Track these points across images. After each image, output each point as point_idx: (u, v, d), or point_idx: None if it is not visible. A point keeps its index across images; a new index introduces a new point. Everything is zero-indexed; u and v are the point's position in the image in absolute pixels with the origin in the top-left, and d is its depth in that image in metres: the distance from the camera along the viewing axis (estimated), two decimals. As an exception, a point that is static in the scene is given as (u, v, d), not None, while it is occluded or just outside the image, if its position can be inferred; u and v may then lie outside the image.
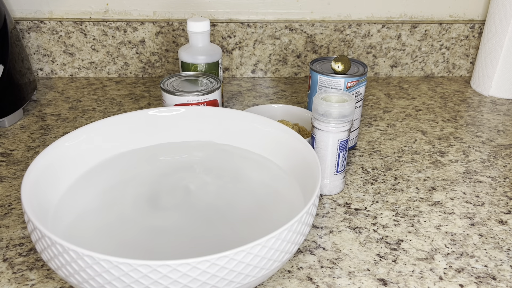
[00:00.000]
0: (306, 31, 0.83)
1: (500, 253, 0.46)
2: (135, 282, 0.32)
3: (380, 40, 0.85)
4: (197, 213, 0.46)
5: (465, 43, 0.87)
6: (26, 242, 0.45)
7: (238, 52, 0.84)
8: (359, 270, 0.43)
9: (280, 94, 0.80)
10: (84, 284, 0.34)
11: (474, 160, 0.61)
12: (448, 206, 0.52)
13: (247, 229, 0.43)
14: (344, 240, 0.47)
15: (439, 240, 0.47)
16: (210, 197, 0.48)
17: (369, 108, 0.76)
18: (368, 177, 0.57)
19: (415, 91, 0.83)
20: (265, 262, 0.35)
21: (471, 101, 0.79)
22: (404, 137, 0.67)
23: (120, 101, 0.76)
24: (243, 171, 0.52)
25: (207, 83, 0.60)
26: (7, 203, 0.51)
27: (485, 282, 0.42)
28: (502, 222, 0.50)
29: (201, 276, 0.33)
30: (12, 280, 0.41)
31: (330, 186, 0.53)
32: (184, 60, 0.65)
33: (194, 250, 0.41)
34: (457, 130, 0.69)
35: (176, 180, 0.50)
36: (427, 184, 0.56)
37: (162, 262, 0.32)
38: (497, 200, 0.54)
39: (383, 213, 0.51)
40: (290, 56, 0.85)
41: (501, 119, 0.73)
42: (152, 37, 0.82)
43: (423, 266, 0.44)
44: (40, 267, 0.43)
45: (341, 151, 0.52)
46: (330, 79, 0.57)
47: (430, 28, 0.84)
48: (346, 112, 0.49)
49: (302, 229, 0.38)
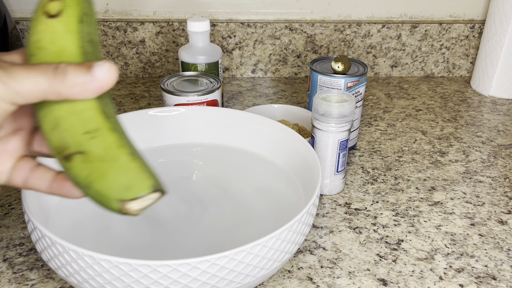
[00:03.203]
0: (306, 31, 0.83)
1: (500, 253, 0.46)
2: (135, 282, 0.32)
3: (380, 40, 0.85)
4: (196, 213, 0.46)
5: (465, 43, 0.87)
6: (26, 242, 0.45)
7: (238, 52, 0.84)
8: (359, 270, 0.43)
9: (280, 94, 0.80)
10: (84, 284, 0.34)
11: (474, 160, 0.61)
12: (448, 206, 0.52)
13: (247, 229, 0.43)
14: (344, 240, 0.47)
15: (439, 240, 0.47)
16: (210, 197, 0.48)
17: (369, 108, 0.76)
18: (368, 177, 0.57)
19: (415, 91, 0.83)
20: (265, 262, 0.35)
21: (471, 101, 0.79)
22: (404, 137, 0.67)
23: (120, 101, 0.76)
24: (243, 171, 0.52)
25: (207, 83, 0.60)
26: (7, 203, 0.51)
27: (485, 282, 0.42)
28: (502, 222, 0.50)
29: (201, 276, 0.33)
30: (12, 280, 0.41)
31: (330, 186, 0.53)
32: (184, 60, 0.65)
33: (193, 250, 0.41)
34: (457, 130, 0.69)
35: (176, 180, 0.50)
36: (427, 184, 0.56)
37: (162, 262, 0.32)
38: (497, 200, 0.54)
39: (383, 213, 0.51)
40: (290, 56, 0.85)
41: (501, 119, 0.73)
42: (152, 37, 0.82)
43: (423, 266, 0.44)
44: (40, 267, 0.43)
45: (341, 151, 0.52)
46: (330, 79, 0.57)
47: (430, 28, 0.84)
48: (346, 112, 0.49)
49: (302, 229, 0.38)
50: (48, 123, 0.28)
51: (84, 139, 0.28)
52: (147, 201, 0.28)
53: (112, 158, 0.28)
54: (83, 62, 0.28)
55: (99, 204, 0.28)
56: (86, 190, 0.28)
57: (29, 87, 0.26)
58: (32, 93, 0.26)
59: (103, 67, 0.27)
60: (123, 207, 0.28)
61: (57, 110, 0.28)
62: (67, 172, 0.28)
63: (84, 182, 0.28)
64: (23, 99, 0.26)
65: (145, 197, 0.28)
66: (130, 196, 0.28)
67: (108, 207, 0.28)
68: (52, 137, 0.28)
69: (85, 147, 0.28)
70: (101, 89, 0.27)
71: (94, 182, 0.28)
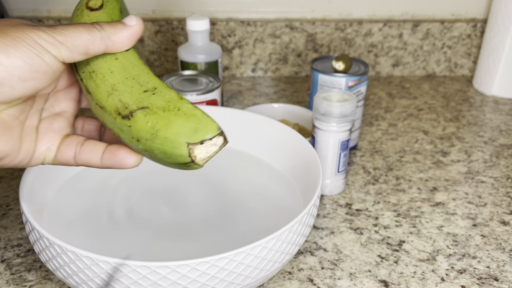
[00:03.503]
0: (307, 30, 0.83)
1: (502, 254, 0.45)
2: (134, 284, 0.32)
3: (382, 39, 0.84)
4: (196, 214, 0.46)
5: (467, 42, 0.86)
6: (24, 243, 0.45)
7: (238, 51, 0.84)
8: (360, 271, 0.43)
9: (280, 93, 0.80)
10: (83, 285, 0.34)
11: (476, 160, 0.61)
12: (450, 206, 0.52)
13: (247, 230, 0.43)
14: (345, 241, 0.46)
15: (441, 241, 0.47)
16: (210, 197, 0.48)
17: (370, 107, 0.76)
18: (370, 177, 0.57)
19: (417, 91, 0.82)
20: (265, 263, 0.35)
21: (473, 101, 0.79)
22: (405, 137, 0.67)
23: (119, 100, 0.76)
24: (243, 172, 0.52)
25: (206, 82, 0.59)
26: (5, 204, 0.51)
27: (487, 283, 0.42)
28: (505, 223, 0.49)
29: (200, 278, 0.32)
30: (10, 281, 0.41)
31: (331, 186, 0.53)
32: (183, 59, 0.64)
33: (193, 251, 0.41)
34: (459, 129, 0.69)
35: (174, 180, 0.50)
36: (429, 185, 0.56)
37: (161, 263, 0.31)
38: (500, 200, 0.53)
39: (385, 213, 0.50)
40: (290, 55, 0.85)
41: (504, 118, 0.73)
42: (151, 36, 0.82)
43: (424, 267, 0.43)
44: (38, 268, 0.42)
45: (342, 151, 0.51)
46: (331, 78, 0.56)
47: (432, 27, 0.84)
48: (347, 111, 0.49)
49: (302, 230, 0.38)
50: (103, 91, 0.30)
51: (145, 96, 0.30)
52: (212, 147, 0.29)
53: (175, 107, 0.29)
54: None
55: (166, 154, 0.29)
56: (150, 143, 0.29)
57: (74, 40, 0.29)
58: (77, 46, 0.29)
59: (132, 18, 0.31)
60: (192, 151, 0.29)
61: (111, 78, 0.30)
62: (127, 132, 0.29)
63: (149, 134, 0.29)
64: (70, 53, 0.29)
65: (212, 141, 0.29)
66: (199, 139, 0.29)
67: (176, 153, 0.29)
68: (110, 101, 0.30)
69: (147, 102, 0.29)
70: (135, 34, 0.31)
71: (161, 130, 0.29)
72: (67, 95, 0.34)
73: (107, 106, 0.30)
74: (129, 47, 0.31)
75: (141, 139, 0.29)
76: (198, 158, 0.29)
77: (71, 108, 0.34)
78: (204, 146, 0.29)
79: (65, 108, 0.34)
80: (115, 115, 0.30)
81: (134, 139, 0.29)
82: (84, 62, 0.32)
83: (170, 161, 0.29)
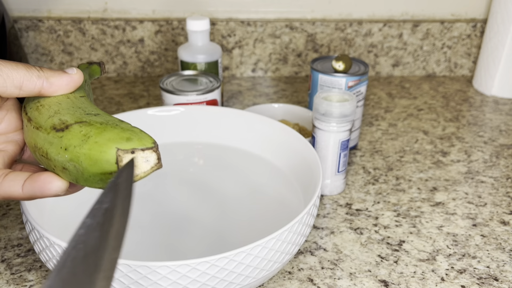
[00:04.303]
0: (307, 30, 0.83)
1: (502, 254, 0.45)
2: (134, 284, 0.32)
3: (382, 39, 0.84)
4: (196, 214, 0.46)
5: (467, 42, 0.86)
6: (25, 243, 0.45)
7: (238, 51, 0.84)
8: (360, 271, 0.43)
9: (280, 93, 0.80)
10: (82, 285, 0.34)
11: (476, 160, 0.61)
12: (450, 206, 0.52)
13: (247, 230, 0.43)
14: (345, 241, 0.46)
15: (441, 241, 0.47)
16: (210, 197, 0.48)
17: (370, 107, 0.76)
18: (370, 177, 0.57)
19: (417, 91, 0.82)
20: (265, 263, 0.35)
21: (473, 101, 0.79)
22: (405, 137, 0.67)
23: (119, 101, 0.76)
24: (243, 172, 0.52)
25: (206, 82, 0.59)
26: (5, 203, 0.51)
27: (487, 283, 0.42)
28: (505, 223, 0.49)
29: (200, 278, 0.32)
30: (10, 281, 0.41)
31: (331, 186, 0.53)
32: (183, 59, 0.64)
33: (193, 251, 0.41)
34: (459, 129, 0.69)
35: (175, 180, 0.50)
36: (429, 185, 0.56)
37: (161, 263, 0.31)
38: (500, 200, 0.53)
39: (385, 213, 0.50)
40: (290, 55, 0.85)
41: (504, 118, 0.73)
42: (151, 36, 0.82)
43: (424, 267, 0.43)
44: (39, 268, 0.42)
45: (342, 151, 0.51)
46: (331, 78, 0.56)
47: (432, 27, 0.84)
48: (347, 111, 0.49)
49: (302, 230, 0.38)
50: (45, 116, 0.30)
51: (86, 116, 0.29)
52: (144, 164, 0.27)
53: (114, 123, 0.28)
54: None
55: (91, 160, 0.27)
56: (78, 149, 0.27)
57: (10, 72, 0.29)
58: (12, 78, 0.30)
59: (73, 68, 0.32)
60: (120, 159, 0.26)
61: (57, 107, 0.30)
62: (57, 143, 0.28)
63: (79, 140, 0.27)
64: (3, 83, 0.29)
65: (144, 154, 0.27)
66: (130, 146, 0.27)
67: (103, 159, 0.26)
68: (49, 121, 0.29)
69: (86, 119, 0.29)
70: (73, 82, 0.32)
71: (92, 137, 0.27)
72: (8, 137, 0.33)
73: (44, 125, 0.29)
74: (66, 92, 0.31)
75: (69, 147, 0.27)
76: (123, 164, 0.27)
77: (10, 150, 0.33)
78: (134, 158, 0.26)
79: (3, 148, 0.32)
80: (49, 130, 0.28)
81: (62, 149, 0.28)
82: (34, 99, 0.31)
83: (94, 170, 0.27)
